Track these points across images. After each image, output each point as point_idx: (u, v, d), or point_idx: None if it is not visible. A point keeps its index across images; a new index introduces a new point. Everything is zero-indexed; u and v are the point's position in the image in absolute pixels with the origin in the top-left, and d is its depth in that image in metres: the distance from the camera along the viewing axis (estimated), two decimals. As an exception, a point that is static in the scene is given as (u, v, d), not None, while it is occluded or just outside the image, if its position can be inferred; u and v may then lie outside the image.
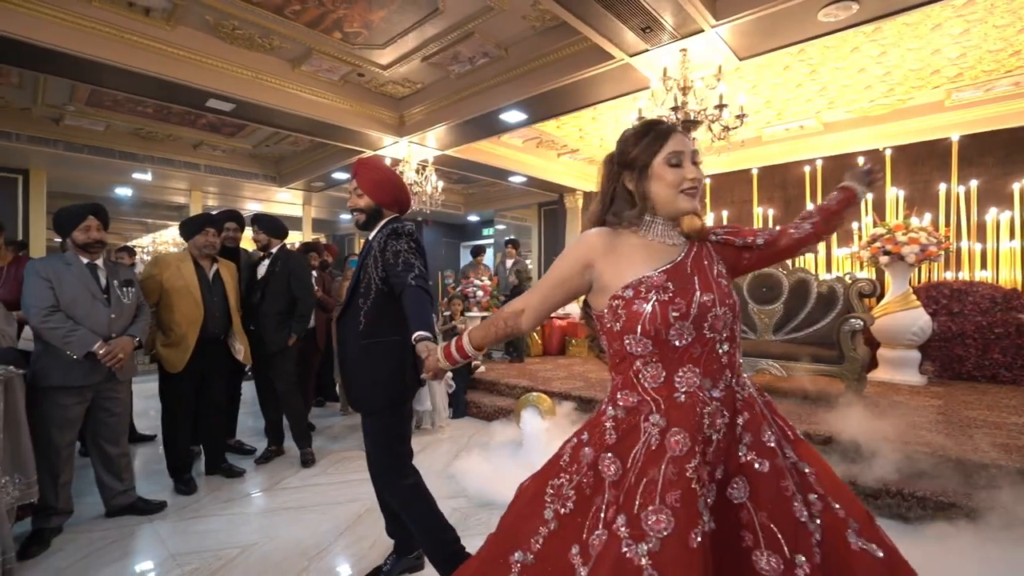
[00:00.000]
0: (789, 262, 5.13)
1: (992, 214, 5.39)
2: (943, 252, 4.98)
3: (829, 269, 6.44)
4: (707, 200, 7.35)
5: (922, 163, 5.88)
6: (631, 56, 4.00)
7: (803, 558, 1.01)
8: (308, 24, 4.25)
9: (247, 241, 3.66)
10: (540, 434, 3.87)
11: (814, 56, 4.66)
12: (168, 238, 10.90)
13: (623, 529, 1.01)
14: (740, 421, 1.13)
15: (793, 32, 3.67)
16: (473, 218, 11.65)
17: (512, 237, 7.65)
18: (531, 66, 4.66)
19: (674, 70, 4.11)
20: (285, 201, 9.36)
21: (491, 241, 11.58)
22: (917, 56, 4.72)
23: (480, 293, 5.63)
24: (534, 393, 4.28)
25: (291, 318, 3.46)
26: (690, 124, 4.12)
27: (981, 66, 4.95)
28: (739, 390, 1.16)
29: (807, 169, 6.57)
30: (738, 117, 3.87)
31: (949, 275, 5.63)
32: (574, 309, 7.01)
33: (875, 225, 5.45)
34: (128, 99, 5.32)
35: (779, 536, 1.03)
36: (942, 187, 5.65)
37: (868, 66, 4.91)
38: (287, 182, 8.20)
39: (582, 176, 8.55)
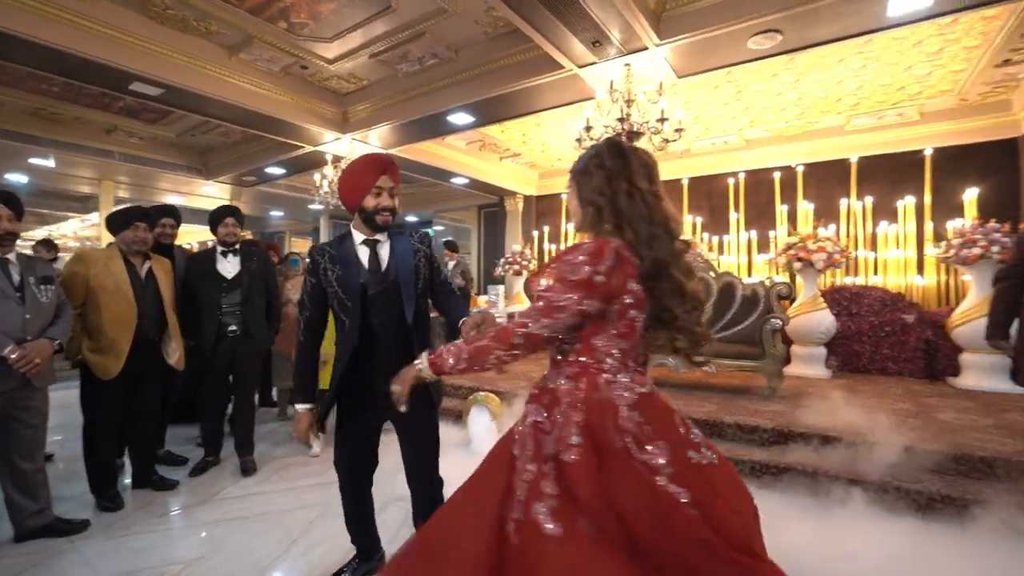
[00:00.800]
0: (716, 267, 5.53)
1: (883, 227, 6.13)
2: (844, 260, 5.60)
3: (750, 273, 7.00)
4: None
5: (828, 180, 6.56)
6: (580, 67, 4.18)
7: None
8: (251, 11, 4.06)
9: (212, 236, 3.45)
10: (488, 434, 3.93)
11: (740, 79, 5.09)
12: (68, 231, 9.84)
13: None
14: None
15: (726, 56, 4.00)
16: (411, 218, 11.50)
17: (450, 239, 7.67)
18: (480, 70, 4.73)
19: (619, 83, 4.34)
20: (210, 195, 8.77)
21: None
22: (824, 85, 5.29)
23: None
24: (482, 393, 4.32)
25: (268, 317, 3.40)
26: (633, 135, 4.36)
27: (874, 97, 5.63)
28: None
29: (731, 181, 7.14)
30: (677, 131, 4.15)
31: (848, 280, 6.32)
32: (519, 310, 7.15)
33: (789, 235, 6.03)
34: (32, 75, 4.79)
35: None
36: (843, 202, 6.35)
37: (785, 91, 5.43)
38: (214, 175, 7.70)
39: (523, 180, 8.72)
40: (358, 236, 1.91)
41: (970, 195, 5.59)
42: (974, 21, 4.12)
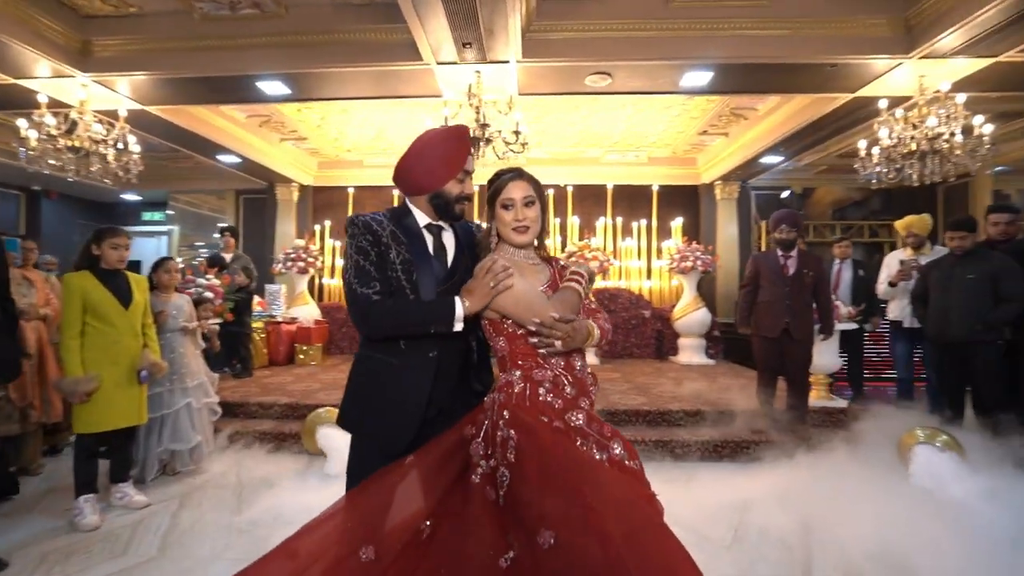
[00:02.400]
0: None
1: (627, 242, 7.84)
2: (608, 267, 6.94)
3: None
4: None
5: (589, 200, 7.97)
6: (438, 64, 4.08)
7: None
8: None
9: None
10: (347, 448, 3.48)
11: (549, 105, 5.76)
12: None
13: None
14: None
15: (565, 85, 4.53)
16: (131, 197, 8.79)
17: (230, 225, 6.27)
18: (313, 38, 4.09)
19: (466, 89, 4.40)
20: None
21: (164, 229, 9.02)
22: (603, 123, 6.47)
23: (210, 295, 4.45)
24: (322, 409, 3.78)
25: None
26: (484, 141, 4.49)
27: (626, 140, 7.16)
28: None
29: (396, 193, 7.95)
30: (523, 145, 4.48)
31: (603, 284, 7.84)
32: (306, 313, 6.37)
33: (565, 246, 7.15)
34: None
35: None
36: (601, 220, 7.84)
37: (577, 121, 6.40)
38: None
39: (302, 167, 7.77)
40: (421, 217, 1.56)
41: (677, 223, 7.65)
42: (703, 101, 5.72)
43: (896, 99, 4.34)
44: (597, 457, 1.34)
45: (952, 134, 4.01)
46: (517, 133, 4.33)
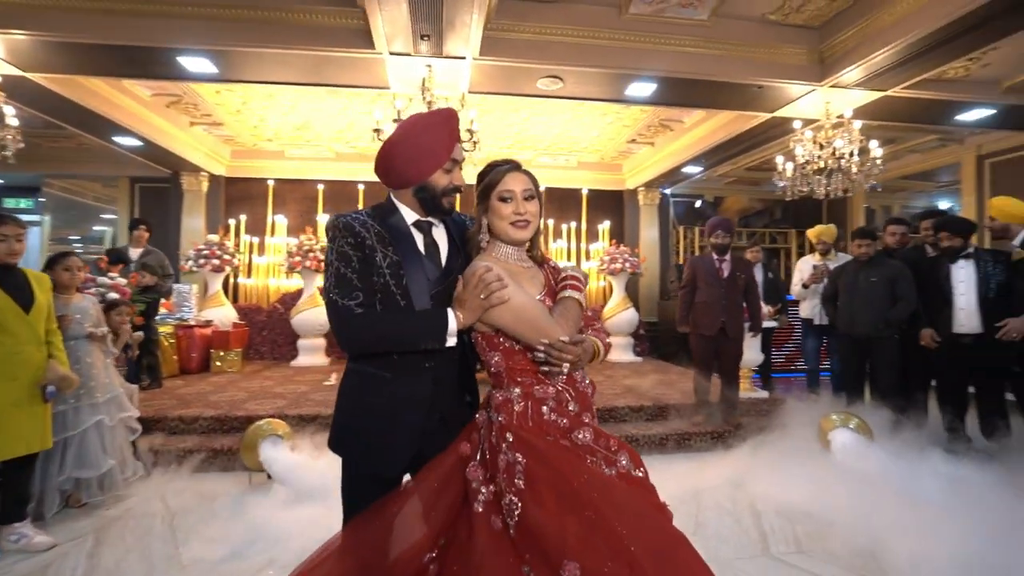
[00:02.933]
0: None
1: (557, 244, 8.03)
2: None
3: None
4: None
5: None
6: (391, 54, 3.90)
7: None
8: None
9: None
10: (297, 466, 3.22)
11: (493, 105, 5.73)
12: None
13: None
14: None
15: (517, 86, 4.54)
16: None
17: (140, 217, 5.47)
18: (252, 13, 3.73)
19: (418, 83, 4.26)
20: None
21: (37, 218, 7.70)
22: (544, 126, 6.58)
23: (115, 295, 3.88)
24: (263, 421, 3.45)
25: None
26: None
27: (559, 144, 7.35)
28: None
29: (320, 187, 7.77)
30: (474, 144, 4.42)
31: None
32: (222, 315, 5.81)
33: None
34: None
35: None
36: (533, 222, 7.95)
37: (516, 123, 6.44)
38: None
39: (214, 155, 7.05)
40: (408, 213, 1.41)
41: (604, 226, 7.98)
42: (636, 111, 6.02)
43: (806, 121, 4.88)
44: (608, 474, 1.27)
45: (851, 155, 4.58)
46: (471, 132, 4.26)
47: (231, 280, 6.98)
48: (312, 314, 6.10)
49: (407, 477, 1.42)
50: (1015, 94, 4.69)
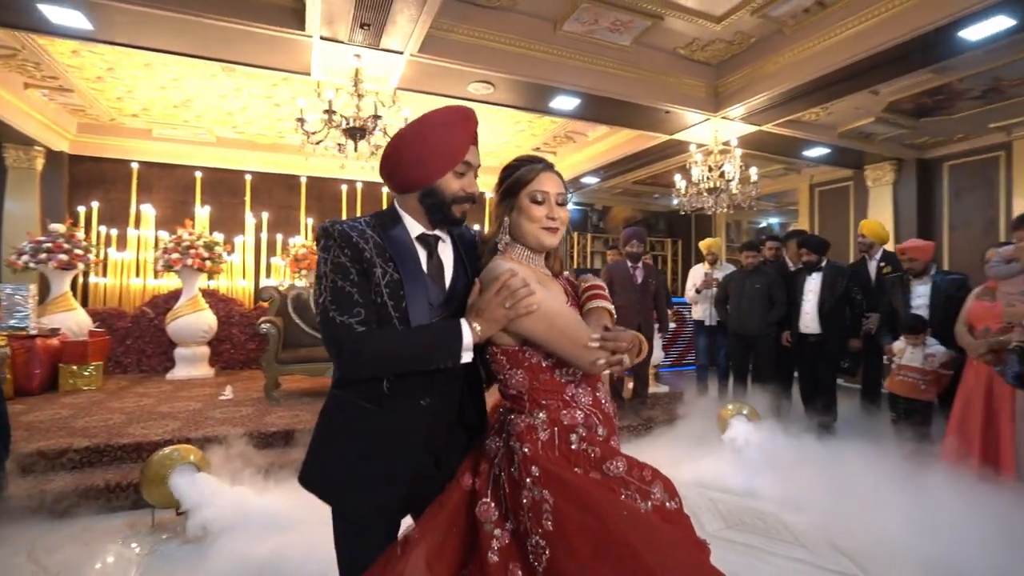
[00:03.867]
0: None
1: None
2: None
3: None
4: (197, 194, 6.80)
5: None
6: (321, 39, 3.59)
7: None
8: None
9: None
10: (212, 493, 2.83)
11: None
12: None
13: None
14: None
15: (445, 87, 4.46)
16: None
17: None
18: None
19: (347, 73, 3.99)
20: None
21: None
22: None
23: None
24: (168, 449, 2.96)
25: None
26: (356, 131, 4.11)
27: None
28: None
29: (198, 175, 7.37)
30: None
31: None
32: (72, 322, 4.88)
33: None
34: None
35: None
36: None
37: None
38: None
39: (55, 126, 5.80)
40: (412, 225, 1.25)
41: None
42: (547, 121, 6.27)
43: (698, 145, 5.54)
44: (643, 509, 1.14)
45: (733, 178, 5.31)
46: (372, 118, 4.09)
47: (79, 279, 5.81)
48: (194, 319, 5.34)
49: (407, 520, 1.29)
50: (844, 139, 5.82)
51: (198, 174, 6.51)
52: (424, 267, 1.23)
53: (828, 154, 6.26)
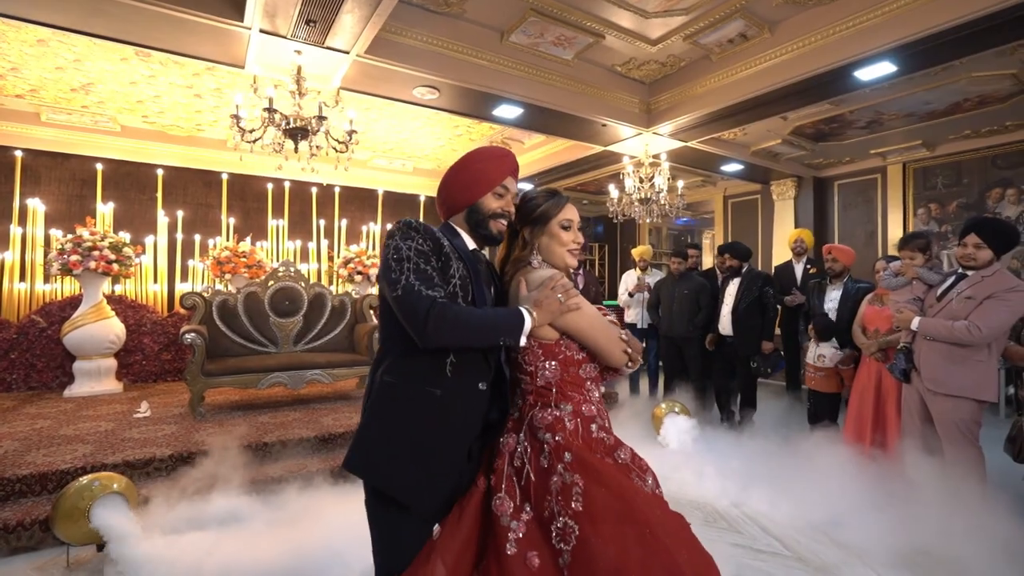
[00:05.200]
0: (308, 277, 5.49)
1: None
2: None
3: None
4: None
5: (355, 204, 7.64)
6: (260, 31, 3.38)
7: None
8: None
9: None
10: (133, 527, 2.57)
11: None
12: None
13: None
14: None
15: (391, 90, 4.37)
16: None
17: None
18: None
19: (287, 70, 3.79)
20: None
21: None
22: (390, 131, 6.38)
23: None
24: (86, 478, 2.65)
25: None
26: (297, 131, 3.92)
27: (400, 148, 7.22)
28: None
29: (269, 186, 7.00)
30: (345, 145, 4.10)
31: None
32: None
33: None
34: None
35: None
36: (370, 224, 7.62)
37: (356, 121, 6.13)
38: None
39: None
40: (468, 240, 1.47)
41: (441, 233, 8.12)
42: (486, 127, 6.32)
43: (630, 157, 5.86)
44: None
45: (662, 189, 5.68)
46: (351, 132, 3.96)
47: (-54, 283, 5.01)
48: (99, 328, 4.80)
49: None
50: (756, 156, 6.42)
51: (99, 166, 5.84)
52: (481, 274, 1.44)
53: (741, 170, 6.86)
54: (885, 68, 3.89)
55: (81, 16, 3.26)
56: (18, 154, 5.51)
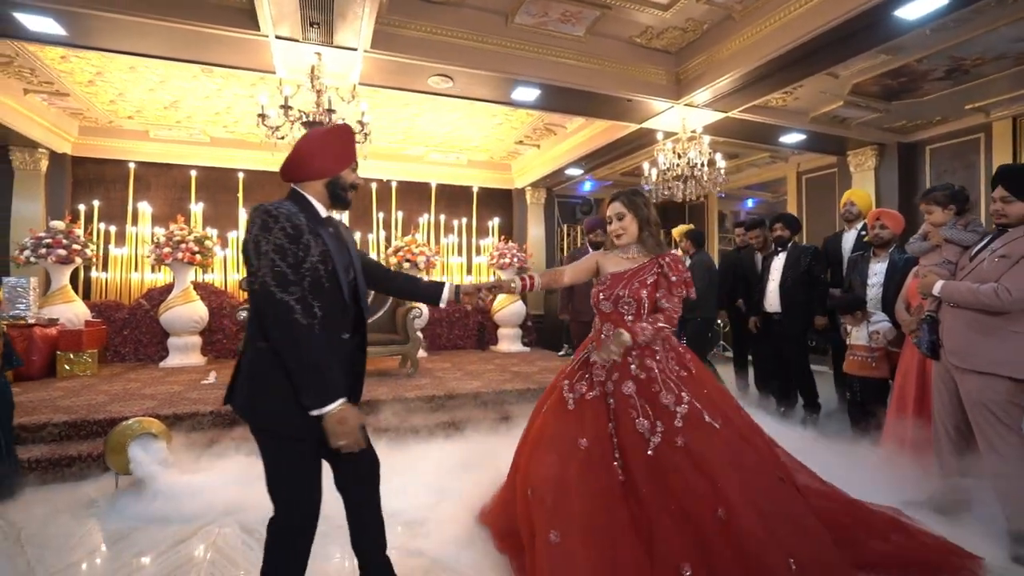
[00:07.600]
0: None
1: (449, 239, 8.20)
2: (438, 260, 7.20)
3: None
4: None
5: (413, 197, 8.10)
6: (277, 38, 3.80)
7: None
8: None
9: None
10: (167, 467, 3.04)
11: (373, 96, 5.76)
12: None
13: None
14: None
15: (408, 82, 4.64)
16: None
17: None
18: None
19: (306, 71, 4.20)
20: None
21: None
22: (435, 123, 6.71)
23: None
24: (131, 420, 3.21)
25: None
26: (313, 125, 4.31)
27: (450, 142, 7.53)
28: None
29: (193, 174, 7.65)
30: (365, 135, 4.44)
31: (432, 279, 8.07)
32: (70, 312, 5.21)
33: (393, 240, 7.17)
34: None
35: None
36: (424, 217, 8.04)
37: (412, 119, 6.50)
38: None
39: (57, 129, 6.19)
40: (319, 207, 1.61)
41: (494, 223, 8.33)
42: (523, 114, 6.39)
43: (668, 133, 5.59)
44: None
45: (702, 165, 5.36)
46: (362, 124, 4.29)
47: (81, 274, 6.20)
48: (186, 310, 5.65)
49: None
50: (817, 123, 5.79)
51: (193, 173, 6.83)
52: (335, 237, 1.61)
53: (805, 140, 6.23)
54: (934, 3, 3.37)
55: (138, 40, 3.89)
56: (131, 166, 6.64)
